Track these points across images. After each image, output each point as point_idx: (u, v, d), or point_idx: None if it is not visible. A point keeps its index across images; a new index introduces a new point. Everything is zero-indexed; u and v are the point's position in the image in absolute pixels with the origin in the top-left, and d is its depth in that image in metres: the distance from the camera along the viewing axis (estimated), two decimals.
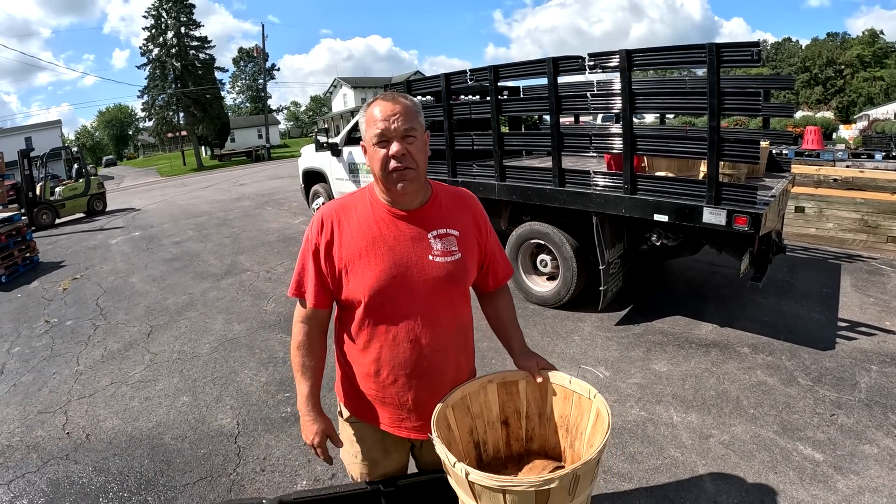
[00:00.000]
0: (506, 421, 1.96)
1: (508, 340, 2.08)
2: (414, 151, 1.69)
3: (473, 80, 5.89)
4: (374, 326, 1.77)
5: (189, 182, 29.65)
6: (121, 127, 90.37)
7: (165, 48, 46.85)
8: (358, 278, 1.72)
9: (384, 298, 1.72)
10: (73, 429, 4.16)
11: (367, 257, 1.72)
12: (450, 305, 1.83)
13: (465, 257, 1.82)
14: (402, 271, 1.72)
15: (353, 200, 1.84)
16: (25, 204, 15.55)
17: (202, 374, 4.86)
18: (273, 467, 3.44)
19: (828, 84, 57.40)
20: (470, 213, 1.91)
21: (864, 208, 7.42)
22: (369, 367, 1.81)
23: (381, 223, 1.76)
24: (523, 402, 1.96)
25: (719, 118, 4.08)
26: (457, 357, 1.89)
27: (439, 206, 1.84)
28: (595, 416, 1.80)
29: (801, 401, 3.79)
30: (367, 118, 1.72)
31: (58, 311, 7.24)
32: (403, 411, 1.83)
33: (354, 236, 1.74)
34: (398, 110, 1.67)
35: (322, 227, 1.78)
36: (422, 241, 1.76)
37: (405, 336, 1.76)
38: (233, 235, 11.06)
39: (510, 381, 1.95)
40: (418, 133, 1.71)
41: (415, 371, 1.79)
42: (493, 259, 1.99)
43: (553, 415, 1.94)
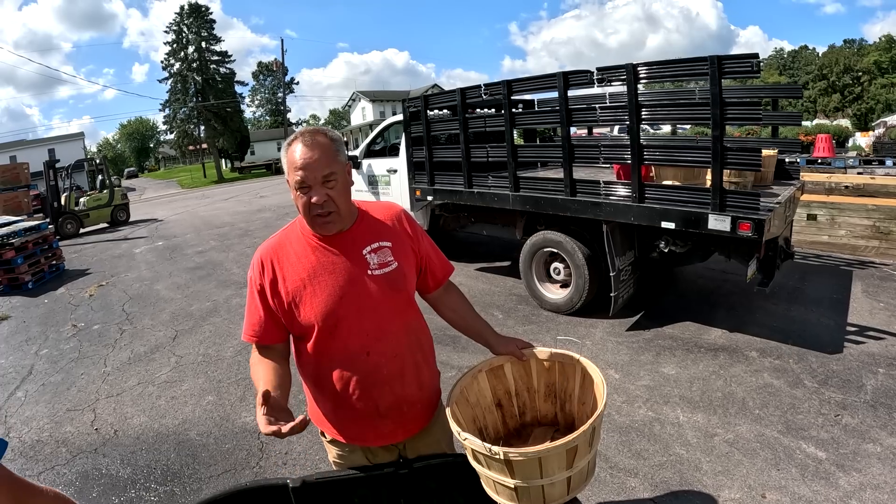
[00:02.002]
0: (499, 403, 2.10)
1: (479, 333, 2.15)
2: (335, 195, 1.76)
3: (488, 94, 6.03)
4: (330, 348, 1.83)
5: (210, 194, 30.03)
6: (142, 139, 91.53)
7: (186, 62, 47.57)
8: (307, 307, 1.80)
9: (336, 319, 1.79)
10: (101, 425, 4.36)
11: (311, 286, 1.80)
12: (397, 312, 1.90)
13: (402, 264, 1.90)
14: (347, 291, 1.80)
15: (286, 236, 1.91)
16: (51, 213, 15.93)
17: (226, 375, 5.04)
18: (294, 461, 3.62)
19: (845, 91, 56.74)
20: (398, 222, 1.98)
21: (876, 215, 7.44)
22: (334, 386, 1.87)
23: (317, 251, 1.84)
24: (511, 383, 2.10)
25: (722, 128, 4.19)
26: (413, 358, 1.96)
27: (367, 223, 1.92)
28: (581, 376, 1.95)
29: (807, 402, 3.86)
30: (287, 160, 1.78)
31: (84, 315, 7.48)
32: (375, 421, 1.91)
33: (295, 269, 1.82)
34: (316, 156, 1.73)
35: (263, 267, 1.85)
36: (358, 259, 1.84)
37: (360, 350, 1.83)
38: (255, 245, 11.02)
39: (496, 367, 2.08)
40: (338, 174, 1.77)
41: (376, 380, 1.86)
42: (428, 260, 2.05)
43: (540, 386, 2.09)
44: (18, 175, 16.98)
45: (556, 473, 1.64)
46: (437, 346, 2.21)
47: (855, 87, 56.43)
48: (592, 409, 1.85)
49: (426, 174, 7.25)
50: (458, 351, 5.08)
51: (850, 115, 48.80)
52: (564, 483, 1.68)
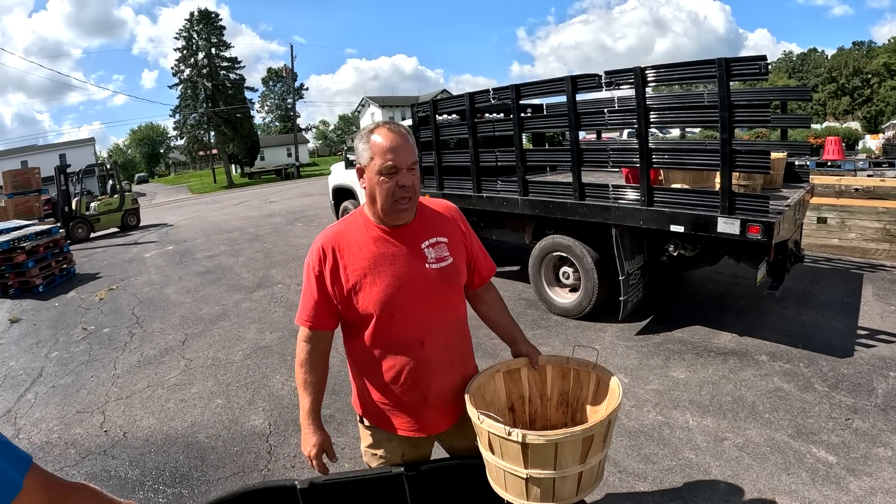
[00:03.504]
0: (511, 407, 2.12)
1: (508, 331, 2.23)
2: (416, 182, 1.86)
3: (496, 98, 6.05)
4: (386, 337, 1.90)
5: (220, 199, 30.18)
6: (152, 145, 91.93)
7: (196, 68, 47.77)
8: (367, 295, 1.86)
9: (393, 309, 1.86)
10: (110, 427, 4.39)
11: (371, 275, 1.86)
12: (449, 305, 2.00)
13: (456, 260, 1.99)
14: (405, 282, 1.87)
15: (346, 226, 1.97)
16: (62, 218, 16.06)
17: (235, 378, 5.06)
18: (303, 464, 3.59)
19: (855, 94, 56.50)
20: (453, 220, 2.07)
21: (887, 217, 7.40)
22: (386, 374, 1.93)
23: (379, 242, 1.90)
24: (525, 388, 2.13)
25: (731, 131, 4.18)
26: (461, 349, 2.07)
27: (426, 219, 2.00)
28: (595, 384, 2.00)
29: (817, 406, 3.84)
30: (371, 146, 1.84)
31: (95, 319, 7.53)
32: (423, 408, 1.96)
33: (356, 258, 1.88)
34: (404, 144, 1.83)
35: (324, 254, 1.90)
36: (417, 252, 1.92)
37: (415, 340, 1.91)
38: (264, 250, 11.30)
39: (513, 370, 2.11)
40: (418, 163, 1.88)
41: (428, 370, 1.93)
42: (476, 259, 2.13)
43: (553, 395, 2.12)
44: (30, 180, 17.11)
45: (569, 466, 1.67)
46: None
47: (864, 89, 56.18)
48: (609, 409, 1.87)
49: (435, 179, 7.26)
50: None
51: (860, 118, 48.56)
52: (575, 480, 1.71)
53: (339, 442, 3.82)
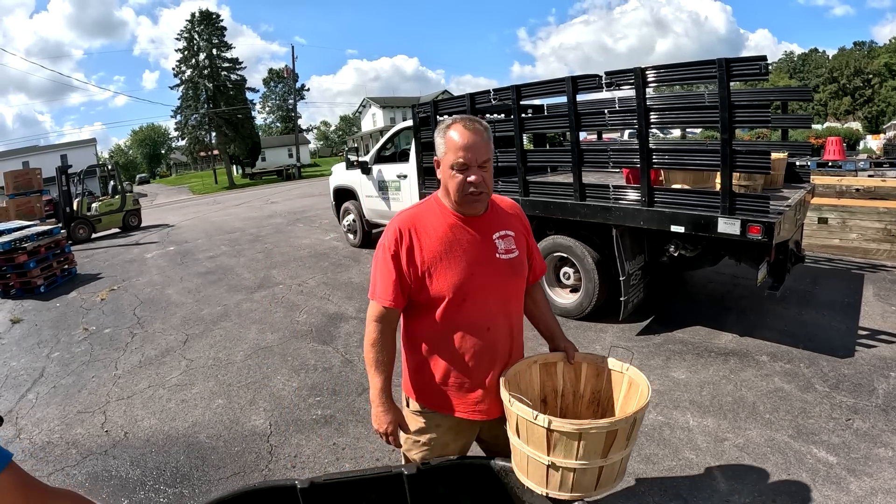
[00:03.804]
0: (544, 399, 2.18)
1: (547, 327, 2.32)
2: (487, 177, 1.95)
3: (497, 99, 6.05)
4: (455, 319, 1.99)
5: (221, 200, 30.20)
6: (154, 146, 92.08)
7: (198, 69, 47.88)
8: (441, 278, 1.95)
9: (465, 294, 1.96)
10: (111, 427, 4.39)
11: (447, 259, 1.95)
12: (513, 295, 2.11)
13: (521, 254, 2.10)
14: (477, 269, 1.97)
15: (422, 210, 2.07)
16: (63, 218, 16.07)
17: (236, 379, 5.06)
18: (303, 464, 3.62)
19: (856, 94, 56.47)
20: (517, 217, 2.20)
21: (888, 217, 7.40)
22: (451, 356, 2.03)
23: (455, 229, 1.99)
24: (560, 382, 2.19)
25: (731, 131, 4.18)
26: (520, 339, 2.17)
27: (497, 212, 2.12)
28: (627, 386, 2.04)
29: (818, 406, 3.84)
30: (446, 141, 1.95)
31: (96, 319, 7.54)
32: (481, 393, 2.06)
33: (432, 241, 1.97)
34: (478, 141, 1.91)
35: (401, 235, 1.98)
36: (488, 242, 2.02)
37: (483, 325, 2.01)
38: (265, 251, 11.31)
39: (550, 363, 2.18)
40: (490, 159, 1.96)
41: (492, 354, 2.04)
42: (532, 257, 2.23)
43: (586, 392, 2.17)
44: (31, 180, 17.17)
45: (590, 458, 1.71)
46: None
47: (865, 89, 56.15)
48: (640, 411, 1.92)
49: (436, 180, 7.25)
50: None
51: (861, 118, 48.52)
52: (595, 473, 1.76)
53: (339, 442, 3.84)
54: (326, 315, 6.63)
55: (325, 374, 4.98)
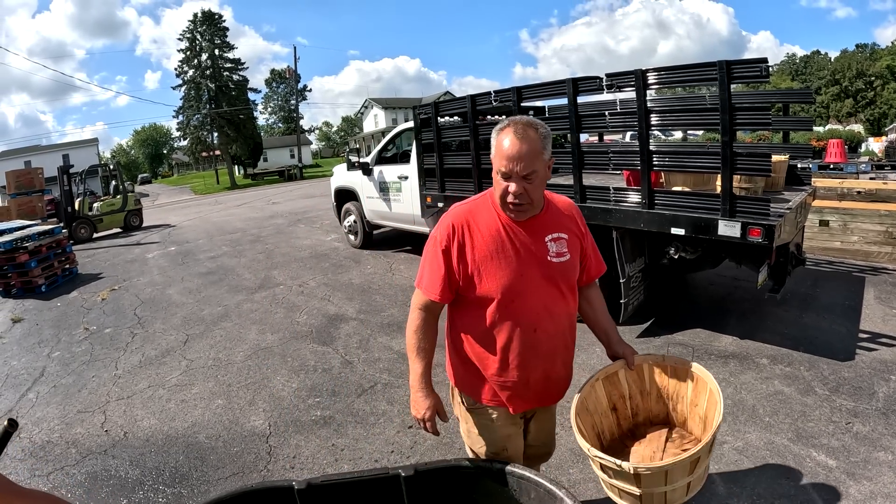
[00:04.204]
0: (614, 407, 2.24)
1: (604, 330, 2.35)
2: (531, 189, 1.91)
3: (498, 100, 6.04)
4: (503, 319, 2.00)
5: (223, 200, 30.20)
6: (156, 146, 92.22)
7: (200, 69, 47.91)
8: (491, 278, 1.96)
9: (514, 294, 1.97)
10: (111, 427, 4.40)
11: (497, 259, 1.97)
12: (563, 298, 2.09)
13: (573, 257, 2.10)
14: (527, 270, 1.98)
15: (476, 206, 2.08)
16: (64, 218, 16.08)
17: (236, 379, 5.06)
18: (302, 465, 3.62)
19: (858, 96, 56.43)
20: (572, 218, 2.16)
21: (889, 220, 7.37)
22: (498, 353, 2.05)
23: (507, 228, 2.00)
24: (625, 387, 2.24)
25: (732, 133, 4.18)
26: (566, 340, 2.17)
27: (551, 213, 2.09)
28: (694, 381, 2.10)
29: (817, 409, 3.83)
30: (495, 146, 1.94)
31: (96, 319, 7.55)
32: (523, 390, 2.09)
33: (484, 240, 1.98)
34: (524, 151, 1.86)
35: (453, 231, 2.00)
36: (540, 244, 2.02)
37: (529, 325, 2.01)
38: (266, 251, 11.30)
39: (611, 374, 2.23)
40: (540, 171, 1.91)
41: (537, 353, 2.05)
42: (587, 258, 2.21)
43: (652, 389, 2.23)
44: (33, 180, 17.20)
45: (678, 481, 1.83)
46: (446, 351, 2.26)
47: (868, 91, 56.09)
48: (707, 413, 1.97)
49: (437, 181, 7.26)
50: None
51: (863, 121, 48.46)
52: (685, 487, 1.88)
53: (338, 443, 3.85)
54: (327, 316, 6.63)
55: (325, 375, 4.98)
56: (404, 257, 9.46)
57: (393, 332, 5.83)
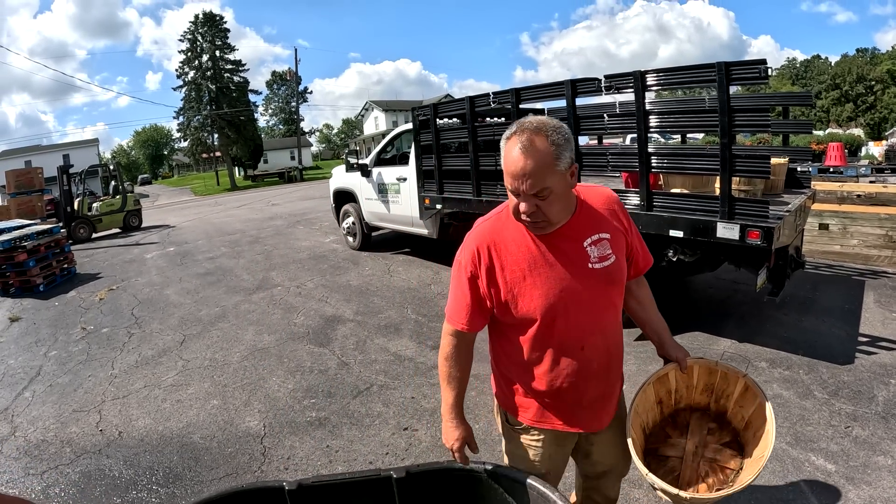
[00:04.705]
0: (660, 401, 2.18)
1: (656, 330, 2.17)
2: (545, 206, 1.67)
3: (496, 102, 6.03)
4: (545, 342, 1.82)
5: (223, 201, 30.23)
6: (156, 147, 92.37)
7: (201, 71, 48.02)
8: (527, 300, 1.77)
9: (555, 314, 1.77)
10: (106, 426, 4.39)
11: (532, 278, 1.76)
12: (612, 306, 1.90)
13: (619, 258, 1.85)
14: (568, 285, 1.76)
15: (500, 221, 1.85)
16: (64, 218, 16.10)
17: (232, 380, 5.05)
18: (296, 466, 3.60)
19: (858, 101, 56.47)
20: (613, 213, 1.91)
21: (889, 224, 7.35)
22: (543, 377, 1.87)
23: (538, 241, 1.78)
24: (672, 384, 2.16)
25: (731, 135, 4.16)
26: (618, 352, 2.00)
27: (587, 213, 1.84)
28: (742, 388, 2.03)
29: (816, 413, 3.80)
30: (502, 157, 1.70)
31: (94, 319, 7.54)
32: (574, 410, 1.92)
33: (514, 258, 1.77)
34: (529, 168, 1.61)
35: (479, 255, 1.81)
36: (579, 252, 1.78)
37: (576, 344, 1.82)
38: (265, 252, 11.29)
39: (662, 376, 2.13)
40: (554, 185, 1.65)
41: (587, 373, 1.86)
42: (635, 251, 1.99)
43: (699, 384, 2.16)
44: (32, 179, 17.20)
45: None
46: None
47: (868, 96, 56.12)
48: (751, 418, 2.00)
49: (435, 182, 7.25)
50: None
51: (863, 125, 48.48)
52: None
53: (333, 444, 3.83)
54: (324, 317, 6.61)
55: (321, 377, 4.96)
56: (403, 259, 9.45)
57: (390, 334, 5.80)
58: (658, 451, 2.14)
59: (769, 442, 1.87)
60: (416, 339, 5.60)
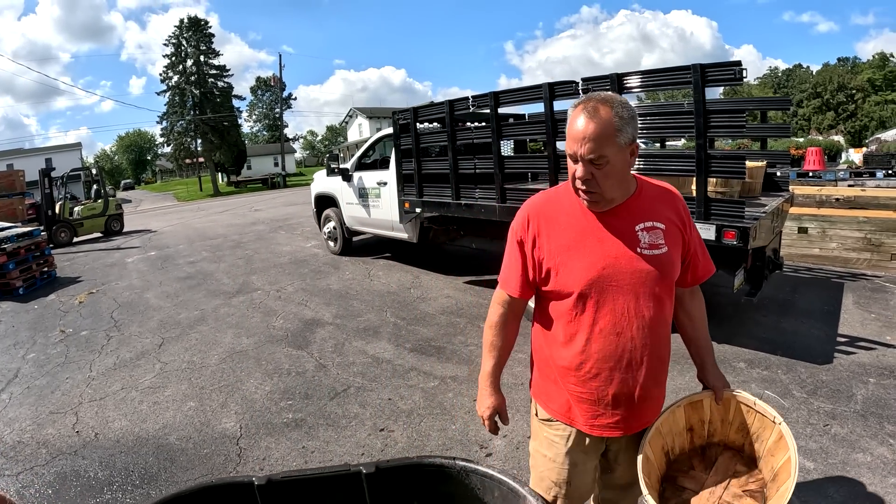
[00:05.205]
0: (690, 427, 2.03)
1: (700, 352, 2.04)
2: (601, 177, 1.65)
3: (476, 106, 6.04)
4: (580, 319, 1.76)
5: (205, 207, 30.11)
6: (140, 152, 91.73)
7: (185, 76, 47.78)
8: (568, 271, 1.73)
9: (595, 290, 1.72)
10: (82, 428, 4.34)
11: (577, 249, 1.73)
12: (655, 299, 1.76)
13: (672, 251, 1.77)
14: (612, 262, 1.71)
15: (559, 192, 1.85)
16: (45, 221, 15.96)
17: (209, 382, 5.01)
18: (271, 467, 3.58)
19: (839, 109, 57.20)
20: (673, 207, 1.84)
21: (867, 227, 7.44)
22: (572, 360, 1.80)
23: (590, 215, 1.75)
24: (707, 413, 2.02)
25: (706, 137, 4.19)
26: (660, 351, 1.83)
27: (644, 199, 1.80)
28: (777, 437, 1.85)
29: (795, 412, 3.82)
30: (568, 123, 1.69)
31: (73, 322, 7.46)
32: (600, 407, 1.82)
33: (563, 229, 1.76)
34: (590, 132, 1.60)
35: (528, 221, 1.82)
36: (629, 234, 1.73)
37: (611, 329, 1.74)
38: (246, 257, 11.23)
39: (696, 401, 2.00)
40: (611, 157, 1.63)
41: (618, 364, 1.76)
42: (694, 255, 1.90)
43: (735, 420, 1.99)
44: (14, 182, 16.98)
45: None
46: (420, 355, 2.21)
47: (849, 104, 56.88)
48: (781, 470, 1.81)
49: (415, 186, 7.24)
50: (441, 362, 5.09)
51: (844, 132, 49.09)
52: None
53: (309, 445, 3.81)
54: (303, 320, 6.58)
55: (298, 379, 4.94)
56: (383, 264, 9.43)
57: (368, 337, 5.78)
58: (677, 479, 2.00)
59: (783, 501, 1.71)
60: (394, 342, 5.58)
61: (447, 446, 3.70)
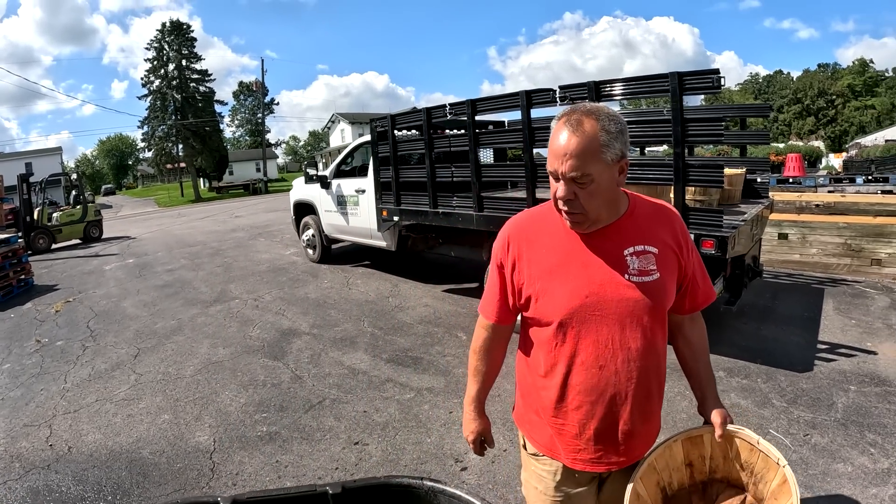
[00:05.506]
0: (690, 463, 1.91)
1: (700, 383, 1.90)
2: (584, 196, 1.53)
3: (453, 113, 6.01)
4: (561, 350, 1.65)
5: (186, 213, 29.91)
6: (121, 157, 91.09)
7: (166, 80, 47.46)
8: (549, 298, 1.63)
9: (575, 320, 1.61)
10: (56, 441, 4.26)
11: (559, 274, 1.62)
12: (643, 329, 1.64)
13: (664, 277, 1.65)
14: (596, 290, 1.59)
15: (541, 212, 1.74)
16: (23, 228, 15.74)
17: (184, 394, 4.93)
18: (244, 482, 3.51)
19: (820, 114, 57.92)
20: (669, 229, 1.71)
21: (847, 232, 7.49)
22: (552, 392, 1.70)
23: (574, 238, 1.63)
24: (708, 449, 1.90)
25: (684, 145, 4.17)
26: (647, 384, 1.69)
27: (636, 220, 1.67)
28: (781, 481, 1.75)
29: (775, 422, 3.82)
30: (550, 137, 1.57)
31: (49, 331, 7.36)
32: (580, 441, 1.70)
33: (545, 252, 1.65)
34: (573, 149, 1.48)
35: (509, 244, 1.71)
36: (617, 258, 1.61)
37: (593, 362, 1.63)
38: (224, 265, 11.14)
39: (695, 436, 1.88)
40: (597, 174, 1.51)
41: (600, 398, 1.65)
42: (692, 281, 1.77)
43: (738, 459, 1.87)
44: None
45: None
46: (397, 366, 2.16)
47: (829, 110, 57.63)
48: None
49: (392, 194, 7.19)
50: (418, 373, 5.04)
51: (824, 138, 49.67)
52: None
53: (282, 460, 3.75)
54: (280, 330, 6.52)
55: (274, 390, 4.87)
56: (362, 272, 9.37)
57: (345, 348, 5.72)
58: None
59: None
60: (371, 353, 5.52)
61: (422, 460, 3.65)
